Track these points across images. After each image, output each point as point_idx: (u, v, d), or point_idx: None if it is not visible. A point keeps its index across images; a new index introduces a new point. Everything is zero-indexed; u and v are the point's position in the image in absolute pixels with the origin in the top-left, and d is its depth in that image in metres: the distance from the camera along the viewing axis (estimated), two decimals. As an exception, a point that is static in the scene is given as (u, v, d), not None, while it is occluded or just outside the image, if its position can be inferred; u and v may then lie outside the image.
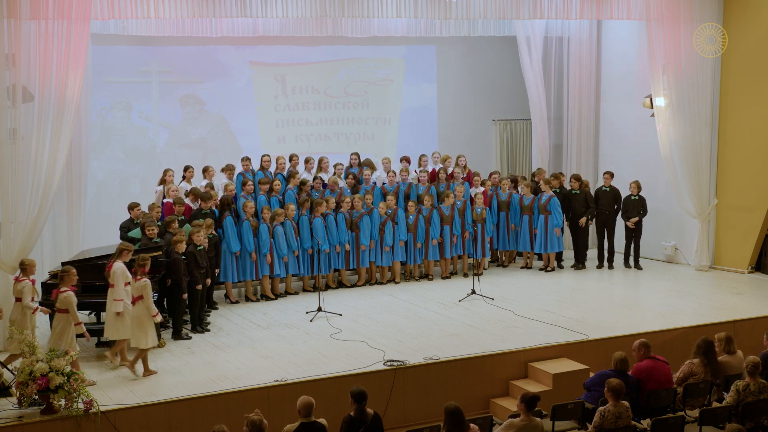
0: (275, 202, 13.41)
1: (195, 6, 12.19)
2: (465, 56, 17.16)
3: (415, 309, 12.43)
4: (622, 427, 7.80)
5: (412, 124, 16.92)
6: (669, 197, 15.05)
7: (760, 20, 13.91)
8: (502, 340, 10.76)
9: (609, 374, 8.40)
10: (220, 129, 15.67)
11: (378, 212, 13.86)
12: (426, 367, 9.87)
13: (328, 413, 8.08)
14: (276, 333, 11.34)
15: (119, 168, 15.02)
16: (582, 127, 16.51)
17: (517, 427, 7.46)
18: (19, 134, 10.79)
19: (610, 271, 14.89)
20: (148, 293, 9.87)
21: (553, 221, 14.56)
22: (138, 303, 9.84)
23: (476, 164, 15.98)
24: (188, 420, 8.87)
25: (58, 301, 9.24)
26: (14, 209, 10.74)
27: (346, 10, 13.08)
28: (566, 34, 16.37)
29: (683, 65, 14.25)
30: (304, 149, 15.55)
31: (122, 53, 14.68)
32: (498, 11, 13.86)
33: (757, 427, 8.23)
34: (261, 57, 15.75)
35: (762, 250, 14.43)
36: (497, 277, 14.49)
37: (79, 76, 11.15)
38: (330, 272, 13.77)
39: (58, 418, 8.42)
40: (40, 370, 8.36)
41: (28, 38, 10.80)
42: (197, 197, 12.77)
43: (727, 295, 13.05)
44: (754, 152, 14.16)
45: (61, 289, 9.27)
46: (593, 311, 12.09)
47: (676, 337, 11.06)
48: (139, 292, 9.84)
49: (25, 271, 9.78)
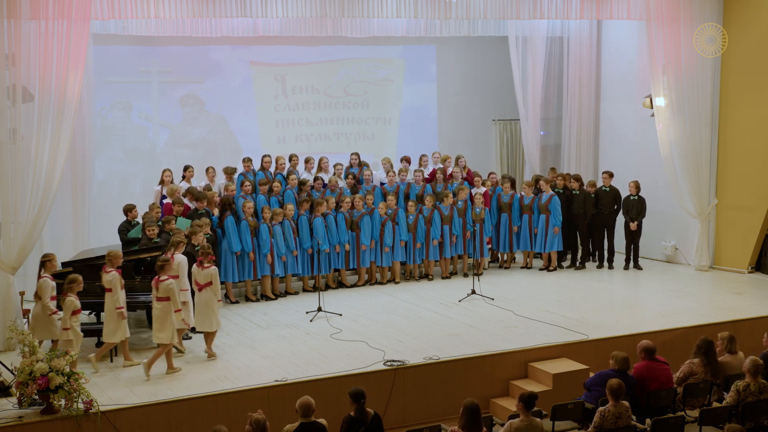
0: (275, 202, 13.41)
1: (195, 6, 12.19)
2: (465, 56, 17.17)
3: (415, 309, 12.43)
4: (622, 427, 7.80)
5: (412, 124, 16.92)
6: (669, 197, 15.05)
7: (760, 20, 13.90)
8: (502, 340, 10.76)
9: (609, 374, 8.40)
10: (220, 129, 15.68)
11: (378, 212, 13.86)
12: (426, 367, 9.87)
13: (328, 413, 8.08)
14: (276, 333, 11.34)
15: (119, 168, 15.02)
16: (582, 127, 16.51)
17: (517, 427, 7.45)
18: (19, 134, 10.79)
19: (610, 271, 14.89)
20: (216, 280, 10.35)
21: (552, 221, 14.57)
22: (206, 289, 10.28)
23: (476, 164, 15.98)
24: (188, 420, 8.87)
25: None
26: (14, 209, 10.74)
27: (346, 10, 13.09)
28: (566, 34, 16.37)
29: (683, 65, 14.25)
30: (304, 149, 15.56)
31: (122, 53, 14.69)
32: (498, 11, 13.86)
33: (757, 427, 8.22)
34: (261, 57, 15.76)
35: (762, 250, 14.43)
36: (497, 277, 14.49)
37: (79, 76, 11.15)
38: (330, 272, 13.78)
39: (58, 418, 8.41)
40: (40, 370, 8.35)
41: (28, 38, 10.80)
42: (194, 197, 12.77)
43: (727, 295, 13.05)
44: (754, 152, 14.16)
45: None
46: (593, 311, 12.09)
47: (676, 337, 11.06)
48: (208, 279, 10.29)
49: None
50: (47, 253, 10.46)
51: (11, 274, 10.79)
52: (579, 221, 14.84)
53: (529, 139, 16.29)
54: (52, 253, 10.40)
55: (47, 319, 9.86)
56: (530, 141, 16.29)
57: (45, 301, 9.83)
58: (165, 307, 9.78)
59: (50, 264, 10.16)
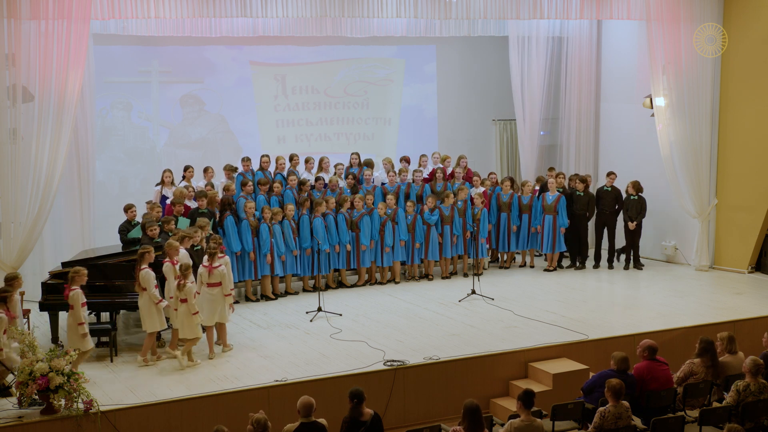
0: (275, 202, 13.41)
1: (195, 6, 12.20)
2: (465, 56, 17.17)
3: (415, 309, 12.43)
4: (622, 427, 7.80)
5: (412, 124, 16.93)
6: (669, 197, 15.05)
7: (760, 20, 13.90)
8: (502, 340, 10.76)
9: (609, 374, 8.40)
10: (220, 129, 15.68)
11: (378, 212, 13.85)
12: (426, 367, 9.87)
13: (328, 413, 8.08)
14: (276, 333, 11.34)
15: (119, 168, 15.03)
16: (582, 127, 16.52)
17: (517, 427, 7.45)
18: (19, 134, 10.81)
19: (610, 271, 14.89)
20: (224, 279, 10.47)
21: (560, 221, 14.57)
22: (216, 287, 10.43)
23: (476, 164, 15.99)
24: (188, 420, 8.87)
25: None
26: (14, 209, 10.75)
27: (346, 10, 13.09)
28: (566, 34, 16.37)
29: (683, 65, 14.25)
30: (304, 149, 15.55)
31: (122, 53, 14.69)
32: (498, 11, 13.87)
33: (757, 427, 8.22)
34: (261, 57, 15.76)
35: (762, 250, 14.43)
36: (497, 277, 14.49)
37: (79, 76, 11.17)
38: (330, 272, 13.78)
39: (58, 418, 8.42)
40: (40, 370, 8.35)
41: (28, 38, 10.82)
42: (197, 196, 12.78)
43: (727, 295, 13.05)
44: (754, 152, 14.15)
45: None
46: (593, 311, 12.09)
47: (676, 337, 11.06)
48: (218, 279, 10.40)
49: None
50: (77, 267, 9.97)
51: (11, 274, 10.79)
52: (581, 222, 14.84)
53: (524, 140, 16.29)
54: (82, 268, 9.94)
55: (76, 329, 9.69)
56: (526, 142, 16.29)
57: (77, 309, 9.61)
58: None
59: (79, 278, 9.74)
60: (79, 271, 9.67)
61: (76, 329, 9.53)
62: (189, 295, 10.00)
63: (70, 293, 9.49)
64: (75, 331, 9.55)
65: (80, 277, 9.62)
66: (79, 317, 9.51)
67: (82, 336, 9.52)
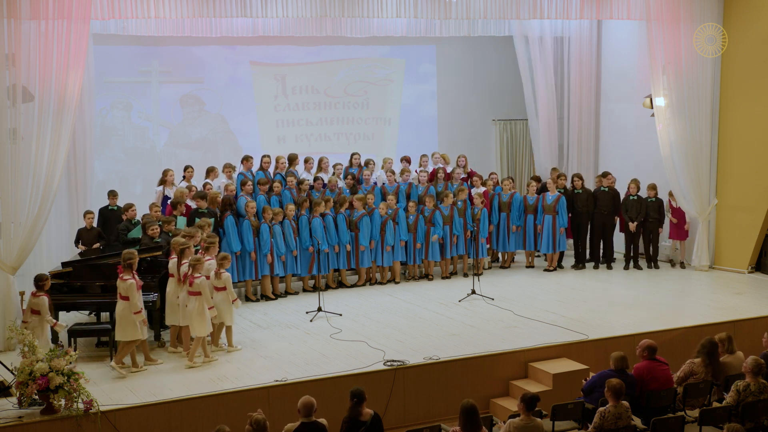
0: (275, 202, 13.41)
1: (195, 6, 12.20)
2: (465, 56, 17.16)
3: (415, 309, 12.43)
4: (622, 427, 7.79)
5: (412, 124, 16.92)
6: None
7: (760, 20, 13.90)
8: (502, 340, 10.76)
9: (609, 374, 8.40)
10: (220, 129, 15.68)
11: (378, 212, 13.85)
12: (426, 367, 9.87)
13: (328, 413, 8.07)
14: (276, 333, 11.34)
15: (119, 168, 15.03)
16: (582, 127, 16.50)
17: (517, 426, 7.45)
18: (19, 134, 10.79)
19: (610, 271, 14.89)
20: (229, 284, 10.51)
21: (560, 221, 14.57)
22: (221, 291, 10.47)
23: (476, 164, 15.98)
24: (188, 420, 8.87)
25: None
26: (14, 209, 10.74)
27: (346, 10, 13.09)
28: (566, 34, 16.37)
29: (683, 65, 14.25)
30: (304, 149, 15.56)
31: (122, 53, 14.69)
32: (498, 11, 13.86)
33: (757, 427, 8.22)
34: (261, 57, 15.77)
35: (762, 250, 14.43)
36: (497, 277, 14.49)
37: (79, 76, 11.15)
38: (330, 272, 13.77)
39: (58, 418, 8.42)
40: (40, 370, 8.35)
41: (28, 38, 10.80)
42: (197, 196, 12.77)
43: (727, 295, 13.04)
44: (754, 152, 14.15)
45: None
46: (593, 311, 12.09)
47: (676, 337, 11.05)
48: (223, 285, 10.45)
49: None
50: (130, 250, 10.06)
51: (11, 274, 10.79)
52: (582, 220, 14.84)
53: (539, 138, 16.23)
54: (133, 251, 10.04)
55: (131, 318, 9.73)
56: (541, 140, 16.22)
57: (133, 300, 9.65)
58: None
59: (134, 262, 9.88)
60: (132, 253, 9.75)
61: (130, 319, 9.58)
62: (203, 288, 9.99)
63: (126, 282, 9.58)
64: (129, 321, 9.60)
65: (135, 261, 9.73)
66: (136, 305, 9.60)
67: (142, 323, 9.67)
